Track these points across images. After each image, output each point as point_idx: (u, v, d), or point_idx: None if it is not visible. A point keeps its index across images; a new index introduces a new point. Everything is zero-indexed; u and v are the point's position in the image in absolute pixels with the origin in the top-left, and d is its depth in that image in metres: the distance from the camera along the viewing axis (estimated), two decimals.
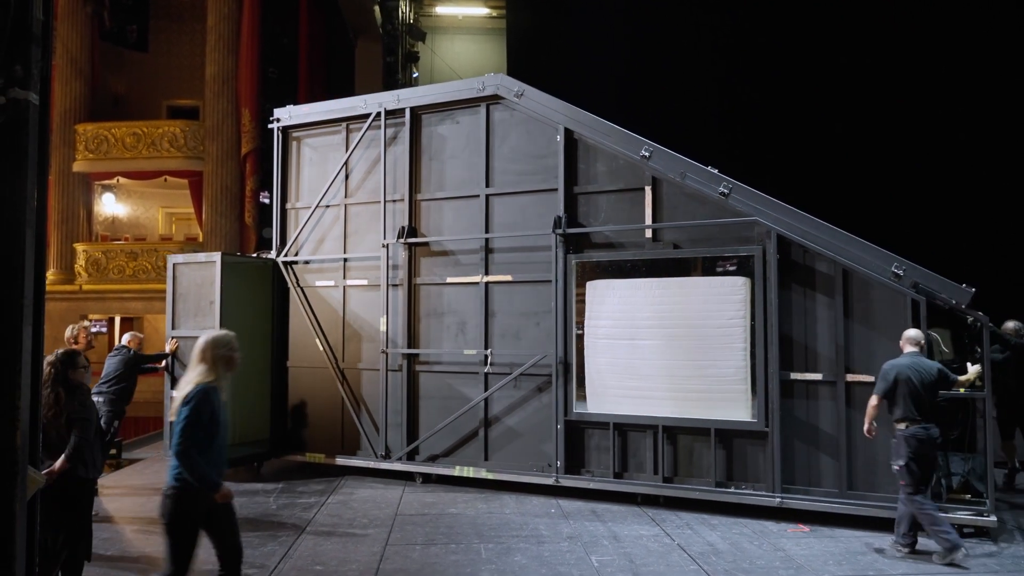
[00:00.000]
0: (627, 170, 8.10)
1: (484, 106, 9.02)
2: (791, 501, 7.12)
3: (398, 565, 6.09)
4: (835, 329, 7.07)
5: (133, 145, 18.90)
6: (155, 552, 6.36)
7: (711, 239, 7.70)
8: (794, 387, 7.25)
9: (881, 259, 6.92)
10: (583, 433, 8.22)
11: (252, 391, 9.95)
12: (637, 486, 7.84)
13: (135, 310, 19.33)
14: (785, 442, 7.22)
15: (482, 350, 8.75)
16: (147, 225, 21.92)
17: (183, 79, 20.78)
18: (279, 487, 8.95)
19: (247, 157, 18.44)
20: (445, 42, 25.89)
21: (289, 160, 10.41)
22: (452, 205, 9.16)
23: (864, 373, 6.95)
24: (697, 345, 7.62)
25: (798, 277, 7.28)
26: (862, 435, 6.81)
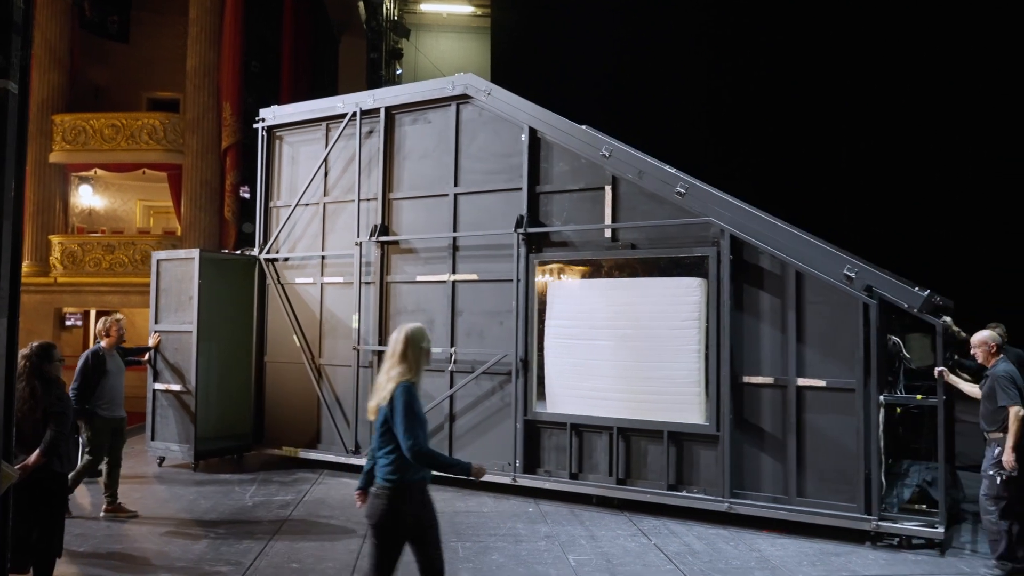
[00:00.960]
0: (589, 169, 8.08)
1: (454, 105, 9.05)
2: (739, 506, 7.03)
3: None
4: (787, 332, 6.96)
5: (112, 137, 18.65)
6: (127, 549, 6.32)
7: (668, 239, 7.64)
8: (746, 391, 7.15)
9: (834, 261, 6.81)
10: (542, 433, 8.20)
11: (234, 385, 10.17)
12: (591, 487, 7.80)
13: (111, 304, 19.11)
14: (735, 446, 7.13)
15: (448, 348, 8.79)
16: (125, 218, 21.68)
17: (164, 71, 20.52)
18: (256, 481, 9.01)
19: (228, 151, 18.25)
20: (429, 40, 25.81)
21: (273, 159, 10.59)
22: (423, 204, 9.22)
23: (816, 377, 6.82)
24: (652, 347, 7.56)
25: (752, 279, 7.18)
26: (813, 441, 6.76)
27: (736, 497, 7.07)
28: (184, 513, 7.53)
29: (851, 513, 6.58)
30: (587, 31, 17.96)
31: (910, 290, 6.57)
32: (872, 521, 6.48)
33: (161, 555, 6.17)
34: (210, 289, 9.80)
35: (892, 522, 6.48)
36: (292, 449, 9.84)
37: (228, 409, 10.06)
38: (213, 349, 9.88)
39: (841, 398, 6.68)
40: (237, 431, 10.14)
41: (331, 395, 9.70)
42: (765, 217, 7.25)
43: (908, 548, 6.38)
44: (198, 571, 5.82)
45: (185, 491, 8.42)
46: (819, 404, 6.78)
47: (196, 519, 7.30)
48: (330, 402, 9.68)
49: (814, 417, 6.81)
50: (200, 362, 9.61)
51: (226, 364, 10.08)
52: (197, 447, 9.49)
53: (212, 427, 9.82)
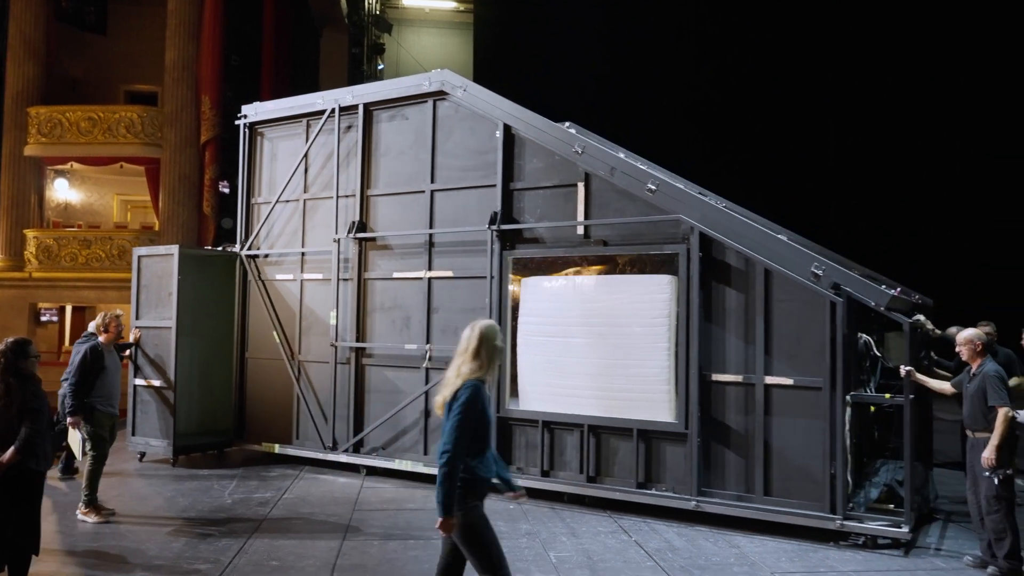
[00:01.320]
0: (562, 166, 8.05)
1: (431, 102, 9.03)
2: (707, 505, 7.01)
3: (355, 560, 6.02)
4: (756, 330, 6.92)
5: (88, 130, 18.44)
6: (104, 547, 6.26)
7: (640, 237, 7.61)
8: (714, 389, 7.12)
9: (802, 259, 6.78)
10: (515, 430, 8.19)
11: (216, 382, 10.19)
12: (563, 484, 7.79)
13: (88, 299, 18.91)
14: (704, 445, 7.11)
15: (423, 345, 8.79)
16: (101, 212, 21.44)
17: (142, 64, 20.28)
18: (236, 477, 8.97)
19: (207, 145, 18.09)
20: (412, 35, 25.69)
21: (255, 155, 10.59)
22: (400, 200, 9.21)
23: (783, 376, 6.79)
24: (623, 344, 7.53)
25: (721, 276, 7.15)
26: (780, 440, 6.73)
27: (704, 495, 7.06)
28: (162, 510, 7.48)
29: (816, 512, 6.57)
30: (570, 28, 17.91)
31: (877, 288, 6.53)
32: (836, 520, 6.46)
33: (138, 553, 6.13)
34: (191, 285, 9.81)
35: (857, 521, 6.46)
36: (271, 445, 9.86)
37: (209, 405, 10.07)
38: (194, 345, 9.86)
39: (808, 397, 6.65)
40: (218, 427, 10.16)
41: (310, 392, 9.70)
42: (735, 214, 7.24)
43: (873, 548, 6.37)
44: (176, 569, 5.78)
45: (163, 488, 8.35)
46: (786, 402, 6.75)
47: (174, 516, 7.26)
48: (309, 399, 9.68)
49: (781, 415, 6.78)
50: (179, 358, 9.60)
51: (207, 360, 10.08)
52: (176, 443, 9.51)
53: (192, 423, 9.82)
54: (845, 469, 6.49)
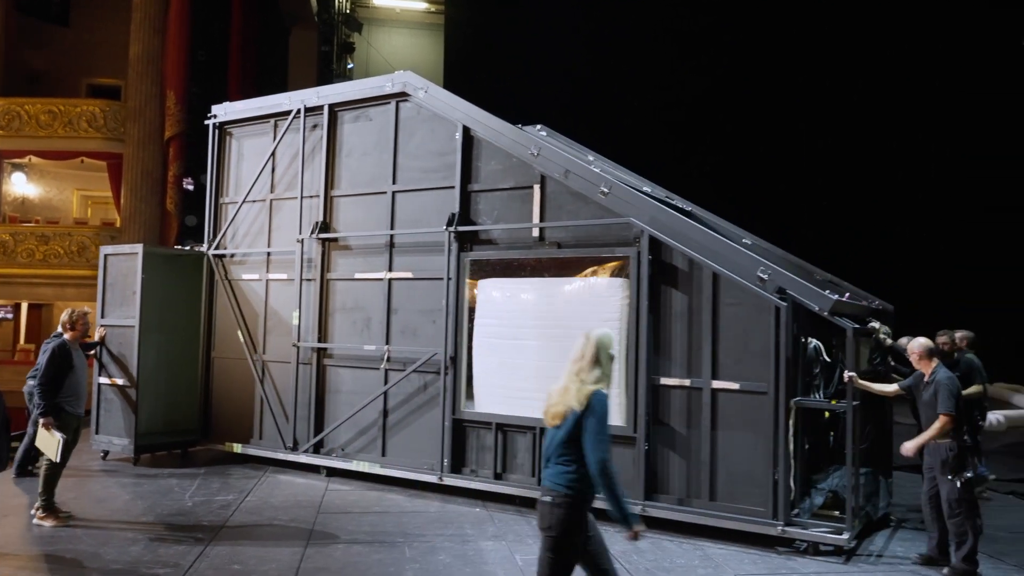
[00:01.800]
0: (519, 168, 8.02)
1: (394, 103, 9.02)
2: (653, 509, 6.91)
3: (319, 564, 5.95)
4: (703, 334, 6.86)
5: (48, 123, 18.02)
6: (59, 551, 6.12)
7: (593, 239, 7.58)
8: (662, 393, 7.06)
9: (749, 263, 6.70)
10: (470, 432, 8.15)
11: (182, 381, 10.15)
12: (514, 487, 7.73)
13: (45, 296, 18.54)
14: (652, 449, 7.04)
15: (382, 346, 8.76)
16: (61, 208, 20.99)
17: (106, 57, 19.88)
18: (199, 477, 8.89)
19: (171, 141, 17.76)
20: (382, 35, 25.52)
21: (224, 155, 10.58)
22: (363, 201, 9.20)
23: (730, 380, 6.72)
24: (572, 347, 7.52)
25: (670, 279, 7.10)
26: (726, 445, 6.67)
27: (651, 500, 6.98)
28: (121, 513, 7.32)
29: (760, 518, 6.49)
30: (541, 31, 17.84)
31: (820, 293, 6.48)
32: (778, 526, 6.39)
33: (95, 557, 5.98)
34: (158, 284, 9.80)
35: (800, 527, 6.39)
36: (234, 445, 9.81)
37: (174, 404, 10.03)
38: (159, 344, 9.82)
39: (753, 401, 6.58)
40: (183, 426, 10.11)
41: (273, 392, 9.66)
42: (684, 218, 7.20)
43: (815, 554, 6.30)
44: (135, 574, 5.66)
45: (122, 490, 8.18)
46: (732, 407, 6.68)
47: (133, 520, 7.10)
48: (271, 399, 9.64)
49: (727, 420, 6.71)
50: (142, 356, 9.55)
51: (174, 359, 10.04)
52: (138, 441, 9.45)
53: (157, 422, 9.78)
54: (788, 475, 6.42)
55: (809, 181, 17.23)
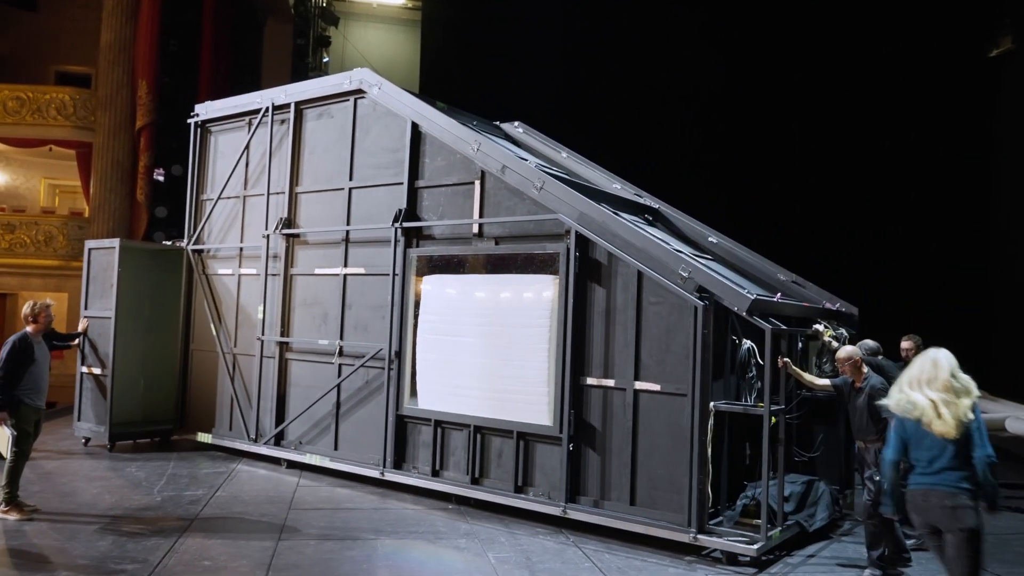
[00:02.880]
0: (462, 164, 7.97)
1: (352, 100, 9.06)
2: (574, 512, 6.78)
3: (291, 560, 5.86)
4: (628, 333, 6.67)
5: (16, 110, 17.59)
6: (24, 546, 6.00)
7: (528, 236, 7.46)
8: (587, 392, 6.89)
9: (672, 261, 6.50)
10: (412, 429, 8.13)
11: (163, 371, 10.44)
12: (449, 485, 7.68)
13: (9, 286, 18.18)
14: (577, 450, 6.88)
15: (336, 340, 8.80)
16: (27, 196, 20.54)
17: (75, 44, 19.43)
18: (171, 467, 9.00)
19: (142, 131, 17.37)
20: (359, 29, 25.22)
21: (206, 153, 10.77)
22: (324, 198, 9.27)
23: (652, 381, 6.52)
24: (509, 344, 7.37)
25: (597, 277, 6.93)
26: (646, 448, 6.48)
27: (574, 502, 6.84)
28: (88, 507, 7.17)
29: (676, 524, 6.27)
30: (520, 27, 17.60)
31: (738, 292, 6.21)
32: (690, 533, 6.15)
33: (62, 552, 5.86)
34: (140, 278, 10.15)
35: (716, 536, 6.14)
36: (206, 436, 10.01)
37: (154, 394, 10.33)
38: (137, 335, 10.11)
39: (674, 404, 6.37)
40: (161, 416, 10.40)
41: (241, 384, 9.81)
42: (614, 214, 7.01)
43: (731, 564, 6.04)
44: (102, 569, 5.52)
45: (90, 485, 8.03)
46: (654, 409, 6.48)
47: (102, 513, 6.95)
48: (240, 391, 9.78)
49: (649, 423, 6.51)
50: (118, 347, 9.82)
51: (153, 350, 10.33)
52: (112, 429, 9.74)
53: (136, 411, 10.12)
54: (704, 480, 6.16)
55: (800, 181, 17.07)
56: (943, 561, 4.22)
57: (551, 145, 10.36)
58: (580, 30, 18.05)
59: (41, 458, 9.14)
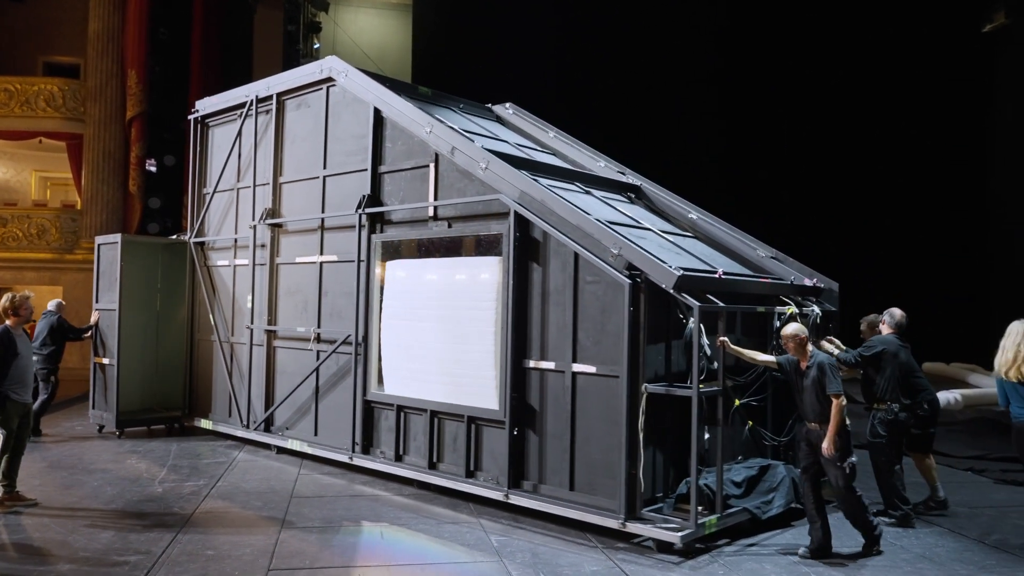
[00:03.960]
0: (419, 148, 7.92)
1: (325, 89, 9.11)
2: (516, 497, 6.66)
3: (294, 548, 5.84)
4: (566, 314, 6.48)
5: (5, 102, 17.41)
6: (26, 539, 5.99)
7: (476, 216, 7.35)
8: (529, 376, 6.74)
9: (604, 238, 6.24)
10: (379, 413, 8.17)
11: (172, 362, 10.84)
12: (409, 470, 7.68)
13: (3, 280, 18.01)
14: (521, 434, 6.75)
15: (314, 328, 8.90)
16: (19, 189, 20.43)
17: (63, 34, 19.22)
18: (173, 456, 9.09)
19: (133, 121, 17.25)
20: (349, 15, 24.99)
21: (207, 148, 11.00)
22: (303, 187, 9.37)
23: (588, 363, 6.31)
24: (460, 328, 7.31)
25: (537, 257, 6.76)
26: (585, 432, 6.31)
27: (516, 487, 6.73)
28: (89, 500, 7.15)
29: (610, 510, 6.05)
30: (511, 10, 17.57)
31: (665, 268, 5.90)
32: (618, 519, 5.93)
33: (63, 545, 5.84)
34: (144, 271, 10.58)
35: (647, 523, 5.88)
36: (208, 422, 10.31)
37: (163, 383, 10.76)
38: (143, 326, 10.53)
39: (609, 386, 6.14)
40: (169, 404, 10.80)
41: (237, 372, 10.04)
42: (552, 193, 6.79)
43: (666, 552, 5.77)
44: (105, 562, 5.49)
45: (89, 478, 8.02)
46: (590, 392, 6.28)
47: (102, 507, 6.92)
48: (236, 378, 10.00)
49: (587, 406, 6.32)
50: (123, 338, 10.17)
51: (160, 341, 10.74)
52: (120, 417, 10.13)
53: (144, 399, 10.60)
54: (635, 465, 5.92)
55: (793, 167, 17.19)
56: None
57: (540, 125, 10.26)
58: (572, 13, 17.91)
59: (50, 442, 9.77)
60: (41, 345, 9.91)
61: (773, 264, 7.89)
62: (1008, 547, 6.21)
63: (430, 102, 9.68)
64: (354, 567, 5.59)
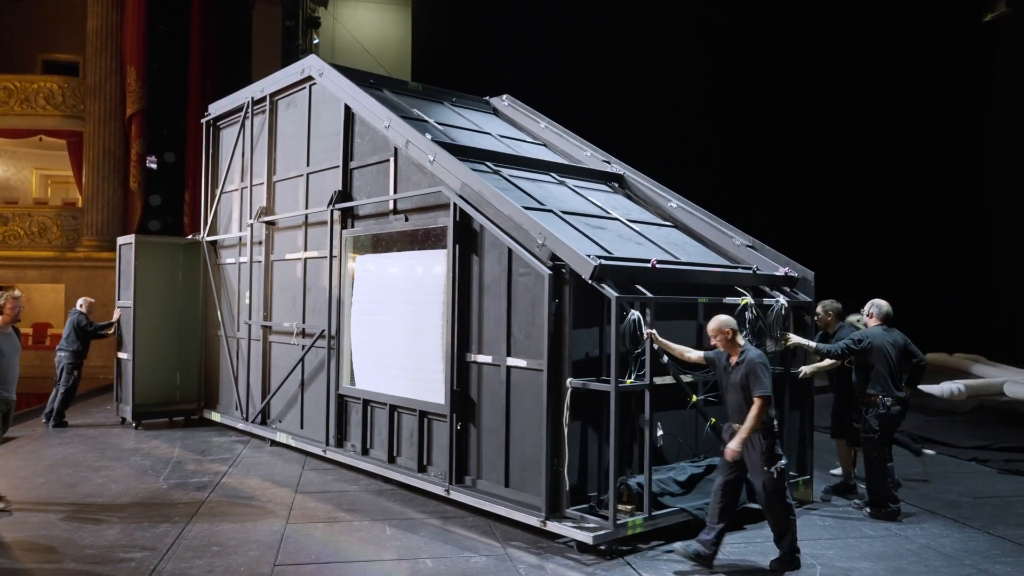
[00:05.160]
0: (382, 142, 7.97)
1: (308, 88, 9.28)
2: (456, 492, 6.61)
3: (300, 544, 5.85)
4: (501, 307, 6.38)
5: (4, 100, 17.45)
6: (31, 537, 5.97)
7: (428, 209, 7.32)
8: (471, 369, 6.68)
9: (532, 229, 6.10)
10: (349, 407, 8.27)
11: (183, 356, 11.25)
12: (372, 464, 7.72)
13: (5, 279, 18.01)
14: (464, 429, 6.69)
15: (298, 323, 9.08)
16: (19, 187, 20.48)
17: (61, 31, 19.22)
18: (186, 449, 9.26)
19: (132, 118, 17.25)
20: (348, 9, 24.90)
21: (219, 149, 11.34)
22: (291, 184, 9.57)
23: (520, 357, 6.18)
24: (417, 322, 7.32)
25: (477, 249, 6.69)
26: (519, 427, 6.21)
27: (459, 482, 6.68)
28: (94, 497, 7.12)
29: (535, 508, 5.91)
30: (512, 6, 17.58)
31: (582, 258, 5.70)
32: (539, 517, 5.79)
33: (69, 543, 5.82)
34: (163, 269, 11.04)
35: (565, 521, 5.71)
36: (216, 415, 10.68)
37: (180, 377, 11.20)
38: (158, 322, 10.93)
39: (537, 380, 5.98)
40: (184, 397, 11.26)
41: (240, 366, 10.33)
42: (490, 186, 6.65)
43: (587, 552, 5.57)
44: (110, 558, 5.47)
45: (94, 475, 8.05)
46: (524, 386, 6.16)
47: (107, 504, 6.90)
48: (239, 373, 10.30)
49: (520, 401, 6.20)
50: (137, 333, 10.64)
51: (181, 336, 11.17)
52: (137, 410, 10.60)
53: (161, 392, 11.01)
54: (559, 462, 5.77)
55: (791, 165, 17.18)
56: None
57: (533, 116, 10.23)
58: (572, 8, 17.88)
59: (69, 433, 10.18)
60: (68, 341, 10.54)
61: (747, 253, 7.55)
62: (1013, 537, 6.19)
63: (420, 97, 9.75)
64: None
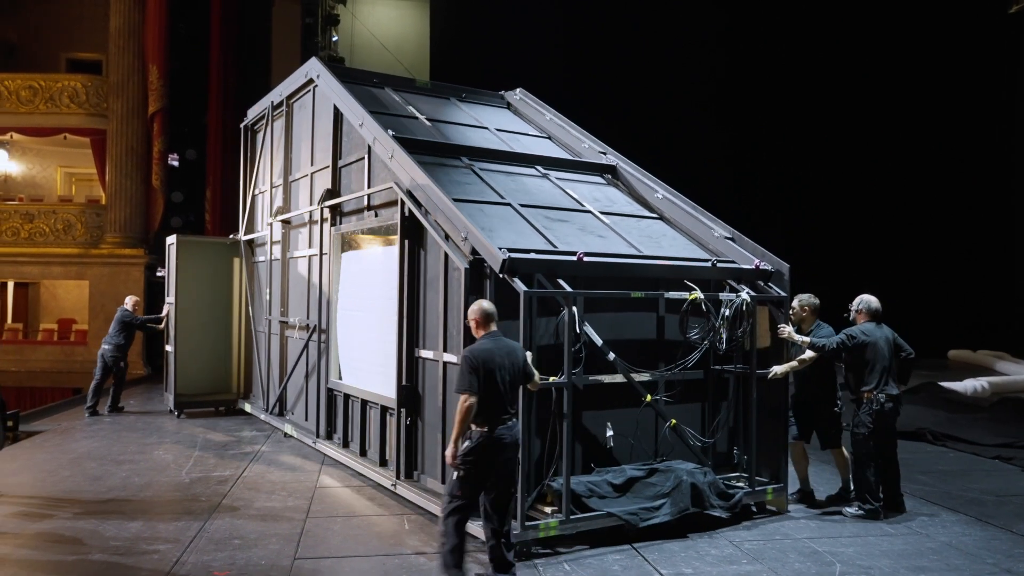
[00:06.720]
0: (359, 141, 8.13)
1: (312, 90, 9.60)
2: (402, 488, 6.65)
3: (320, 538, 5.95)
4: (439, 302, 6.40)
5: (29, 99, 17.69)
6: (57, 528, 6.08)
7: (391, 205, 7.36)
8: (419, 365, 6.74)
9: (459, 225, 6.03)
10: (335, 401, 8.50)
11: (225, 350, 11.85)
12: (348, 456, 7.86)
13: (31, 275, 18.37)
14: (412, 424, 6.75)
15: (302, 318, 9.42)
16: (44, 185, 20.70)
17: (84, 30, 19.46)
18: (211, 436, 9.63)
19: (155, 116, 17.44)
20: (367, 6, 24.95)
21: (254, 152, 11.81)
22: (302, 184, 9.90)
23: (453, 352, 6.14)
24: (376, 318, 7.46)
25: (423, 244, 6.76)
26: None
27: (409, 477, 6.72)
28: (118, 491, 7.26)
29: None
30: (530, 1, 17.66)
31: (495, 252, 5.59)
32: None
33: (94, 534, 5.94)
34: (209, 267, 11.70)
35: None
36: (248, 405, 11.18)
37: (219, 369, 11.83)
38: (201, 317, 11.56)
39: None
40: (225, 388, 11.88)
41: (265, 360, 10.72)
42: (431, 182, 6.57)
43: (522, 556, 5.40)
44: (134, 550, 5.58)
45: (118, 469, 8.14)
46: (455, 382, 5.88)
47: (131, 497, 7.02)
48: (263, 366, 10.77)
49: (453, 396, 5.84)
50: (179, 327, 11.34)
51: (218, 331, 11.79)
52: (177, 399, 11.24)
53: (203, 384, 11.63)
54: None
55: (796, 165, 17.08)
56: None
57: (541, 109, 10.22)
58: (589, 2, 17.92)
59: (107, 420, 10.87)
60: (112, 336, 11.18)
61: (725, 245, 7.24)
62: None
63: (426, 94, 9.94)
64: None
